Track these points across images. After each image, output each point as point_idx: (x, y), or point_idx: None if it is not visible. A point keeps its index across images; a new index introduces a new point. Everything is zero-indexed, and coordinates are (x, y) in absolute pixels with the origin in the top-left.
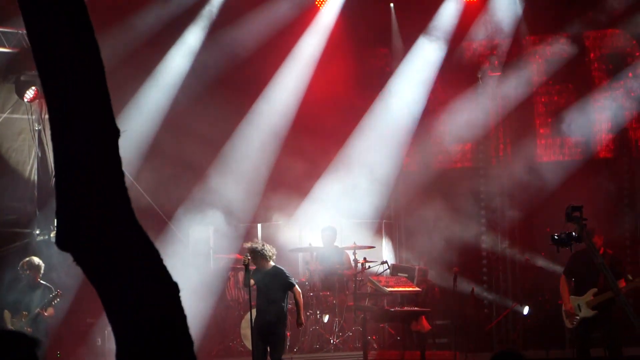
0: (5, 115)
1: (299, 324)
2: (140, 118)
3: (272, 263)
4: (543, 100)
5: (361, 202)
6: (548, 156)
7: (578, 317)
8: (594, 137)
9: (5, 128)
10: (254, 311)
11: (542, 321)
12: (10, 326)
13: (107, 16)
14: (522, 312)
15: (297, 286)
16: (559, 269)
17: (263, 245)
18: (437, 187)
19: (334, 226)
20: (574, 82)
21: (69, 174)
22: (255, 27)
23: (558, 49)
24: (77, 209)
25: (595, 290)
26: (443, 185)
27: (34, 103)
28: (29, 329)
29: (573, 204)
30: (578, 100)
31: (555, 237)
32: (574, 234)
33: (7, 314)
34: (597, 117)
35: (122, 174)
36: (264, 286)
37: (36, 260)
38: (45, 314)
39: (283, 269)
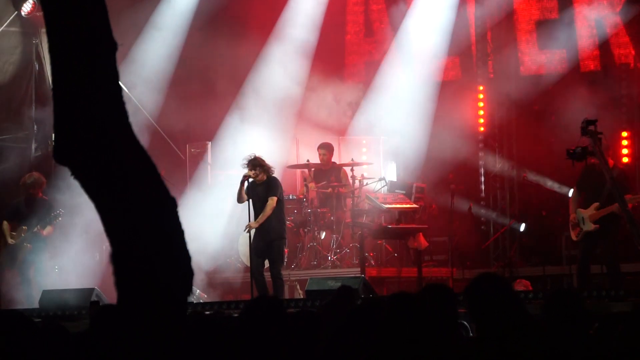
0: (2, 28)
1: (248, 225)
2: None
3: (267, 175)
4: (527, 10)
5: (359, 118)
6: (536, 69)
7: (582, 230)
8: (579, 50)
9: (3, 41)
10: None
11: (539, 238)
12: (9, 239)
13: None
14: (518, 230)
15: (274, 200)
16: (557, 186)
17: (260, 157)
18: (434, 103)
19: (330, 143)
20: None
21: (66, 87)
22: None
23: None
24: (75, 121)
25: (597, 204)
26: (440, 101)
27: (31, 16)
28: (28, 245)
29: (588, 118)
30: (562, 11)
31: (571, 151)
32: (588, 147)
33: (6, 225)
34: (582, 29)
35: (119, 87)
36: (258, 199)
37: (37, 175)
38: (44, 232)
39: (277, 179)
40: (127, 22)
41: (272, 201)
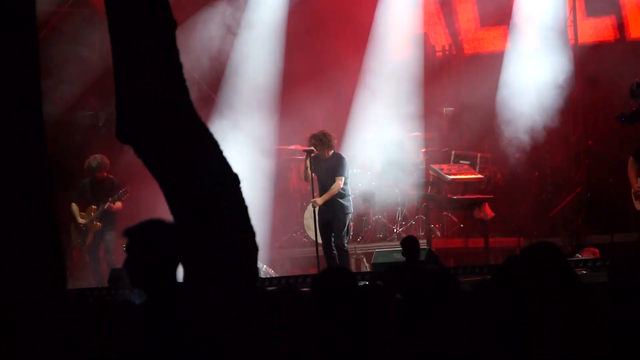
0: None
1: (313, 201)
2: None
3: (332, 151)
4: None
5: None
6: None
7: None
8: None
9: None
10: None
11: (607, 206)
12: (79, 219)
13: None
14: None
15: (341, 180)
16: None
17: (325, 132)
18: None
19: None
20: None
21: (127, 66)
22: None
23: None
24: (136, 99)
25: None
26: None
27: None
28: (97, 223)
29: (638, 80)
30: None
31: (620, 114)
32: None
33: (74, 207)
34: None
35: (180, 65)
36: (323, 175)
37: (100, 157)
38: (114, 206)
39: (343, 156)
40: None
41: (340, 181)
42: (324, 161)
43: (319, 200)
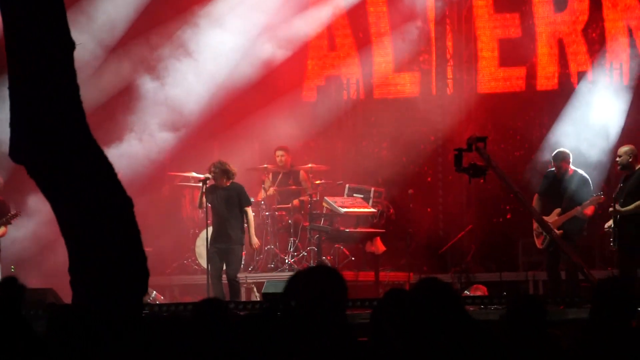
0: None
1: (251, 244)
2: None
3: (231, 180)
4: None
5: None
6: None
7: (546, 238)
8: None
9: None
10: (209, 229)
11: (496, 244)
12: None
13: None
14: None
15: (250, 209)
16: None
17: (225, 162)
18: (383, 106)
19: (287, 146)
20: None
21: (23, 86)
22: None
23: None
24: (31, 119)
25: (558, 210)
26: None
27: None
28: None
29: (476, 134)
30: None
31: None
32: (477, 163)
33: None
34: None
35: (77, 86)
36: (220, 204)
37: None
38: None
39: (242, 186)
40: None
41: (250, 210)
42: (222, 189)
43: (255, 244)
